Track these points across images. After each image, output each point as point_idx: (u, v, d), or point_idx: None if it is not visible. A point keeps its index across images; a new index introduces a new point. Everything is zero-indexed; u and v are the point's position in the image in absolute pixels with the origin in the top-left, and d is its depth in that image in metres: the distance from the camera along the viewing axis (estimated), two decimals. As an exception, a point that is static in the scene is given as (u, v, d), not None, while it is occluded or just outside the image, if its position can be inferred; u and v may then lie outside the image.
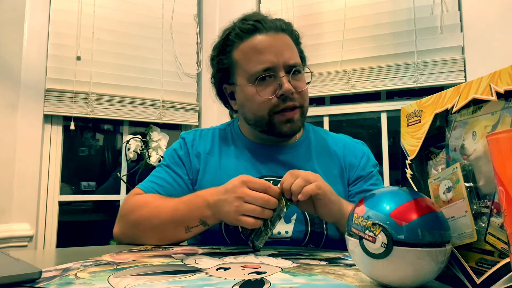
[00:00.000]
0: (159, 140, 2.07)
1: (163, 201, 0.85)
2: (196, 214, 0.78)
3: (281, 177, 0.91)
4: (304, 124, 0.96)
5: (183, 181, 0.94)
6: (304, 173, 0.72)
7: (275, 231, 0.86)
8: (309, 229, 0.87)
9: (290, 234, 0.87)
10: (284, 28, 0.92)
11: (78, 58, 1.94)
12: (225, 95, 1.00)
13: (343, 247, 0.81)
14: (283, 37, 0.91)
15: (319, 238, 0.88)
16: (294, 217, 0.88)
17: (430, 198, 0.50)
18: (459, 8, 1.81)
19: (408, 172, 0.53)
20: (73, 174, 2.08)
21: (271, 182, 0.91)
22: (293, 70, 0.89)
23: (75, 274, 0.52)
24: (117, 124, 2.16)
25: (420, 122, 0.52)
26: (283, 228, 0.87)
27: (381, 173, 1.91)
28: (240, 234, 0.85)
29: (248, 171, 0.93)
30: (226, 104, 1.02)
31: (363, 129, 2.14)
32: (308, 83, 0.98)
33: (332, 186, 0.91)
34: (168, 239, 0.82)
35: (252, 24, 0.90)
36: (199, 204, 0.78)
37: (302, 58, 0.98)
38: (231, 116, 1.10)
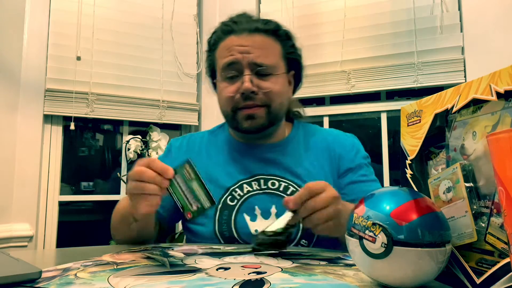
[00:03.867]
0: (159, 140, 2.07)
1: (122, 202, 0.89)
2: (129, 209, 0.77)
3: (271, 175, 0.92)
4: (274, 122, 0.95)
5: None
6: (317, 205, 0.67)
7: (271, 227, 0.86)
8: (301, 225, 0.87)
9: None
10: (262, 29, 0.92)
11: (78, 58, 1.94)
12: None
13: (336, 245, 0.82)
14: (256, 38, 0.91)
15: (312, 234, 0.87)
16: None
17: (430, 198, 0.50)
18: (459, 8, 1.82)
19: (408, 172, 0.53)
20: (73, 174, 2.08)
21: (262, 180, 0.92)
22: (256, 70, 0.90)
23: (75, 274, 0.52)
24: (117, 124, 2.16)
25: (420, 122, 0.52)
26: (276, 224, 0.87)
27: (381, 173, 1.92)
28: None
29: (238, 173, 0.94)
30: None
31: (363, 129, 2.14)
32: (297, 87, 1.02)
33: (324, 180, 0.91)
34: (125, 239, 0.87)
35: (229, 25, 0.95)
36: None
37: (292, 58, 0.98)
38: None
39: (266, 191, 0.91)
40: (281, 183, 0.92)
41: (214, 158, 0.99)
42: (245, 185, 0.92)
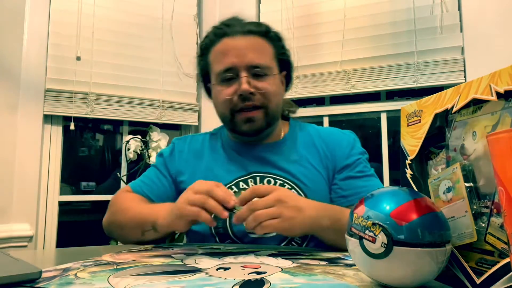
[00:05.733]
0: (159, 140, 2.07)
1: (137, 203, 0.92)
2: (152, 218, 0.82)
3: (267, 173, 0.94)
4: (271, 123, 0.96)
5: (167, 181, 1.00)
6: (257, 206, 0.69)
7: None
8: None
9: None
10: (254, 30, 0.94)
11: (78, 58, 1.94)
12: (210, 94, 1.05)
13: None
14: (250, 40, 0.93)
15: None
16: None
17: (430, 198, 0.50)
18: (459, 8, 1.82)
19: (408, 172, 0.53)
20: (73, 174, 2.08)
21: (258, 178, 0.94)
22: (253, 71, 0.91)
23: (75, 274, 0.52)
24: (117, 124, 2.16)
25: (420, 122, 0.52)
26: None
27: (381, 173, 1.92)
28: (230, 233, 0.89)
29: (236, 170, 0.96)
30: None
31: (363, 129, 2.14)
32: (288, 87, 1.02)
33: (316, 182, 0.92)
34: (127, 239, 0.88)
35: (221, 29, 0.95)
36: (160, 209, 0.83)
37: (284, 59, 0.99)
38: None
39: None
40: (276, 181, 0.93)
41: (215, 158, 1.01)
42: (241, 183, 0.94)
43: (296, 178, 0.92)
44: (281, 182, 0.92)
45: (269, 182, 0.93)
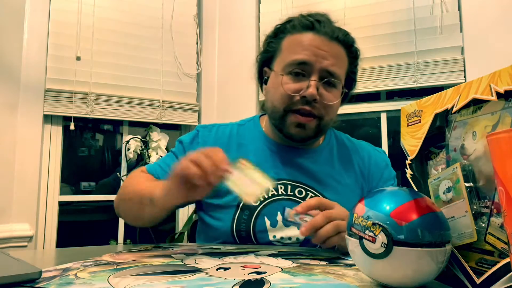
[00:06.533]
0: (159, 140, 2.07)
1: (145, 180, 0.88)
2: (150, 190, 0.78)
3: (299, 182, 0.90)
4: (319, 135, 0.93)
5: None
6: (333, 215, 0.69)
7: (290, 234, 0.85)
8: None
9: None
10: (340, 39, 0.90)
11: (78, 58, 1.94)
12: (262, 78, 0.99)
13: None
14: (333, 46, 0.88)
15: None
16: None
17: (430, 198, 0.50)
18: (459, 8, 1.82)
19: (408, 172, 0.53)
20: (73, 174, 2.08)
21: (289, 186, 0.90)
22: (326, 79, 0.87)
23: (75, 274, 0.52)
24: (117, 124, 2.16)
25: (420, 122, 0.52)
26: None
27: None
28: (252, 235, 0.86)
29: (268, 174, 0.91)
30: (261, 87, 1.01)
31: (363, 129, 2.14)
32: (342, 103, 0.97)
33: (349, 195, 0.90)
34: (130, 215, 0.88)
35: (310, 22, 0.91)
36: (160, 183, 0.79)
37: (351, 77, 0.96)
38: (263, 108, 1.06)
39: (292, 198, 0.88)
40: (308, 192, 0.89)
41: (243, 154, 0.93)
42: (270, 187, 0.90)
43: (328, 193, 0.90)
44: (312, 195, 0.89)
45: (300, 192, 0.89)
